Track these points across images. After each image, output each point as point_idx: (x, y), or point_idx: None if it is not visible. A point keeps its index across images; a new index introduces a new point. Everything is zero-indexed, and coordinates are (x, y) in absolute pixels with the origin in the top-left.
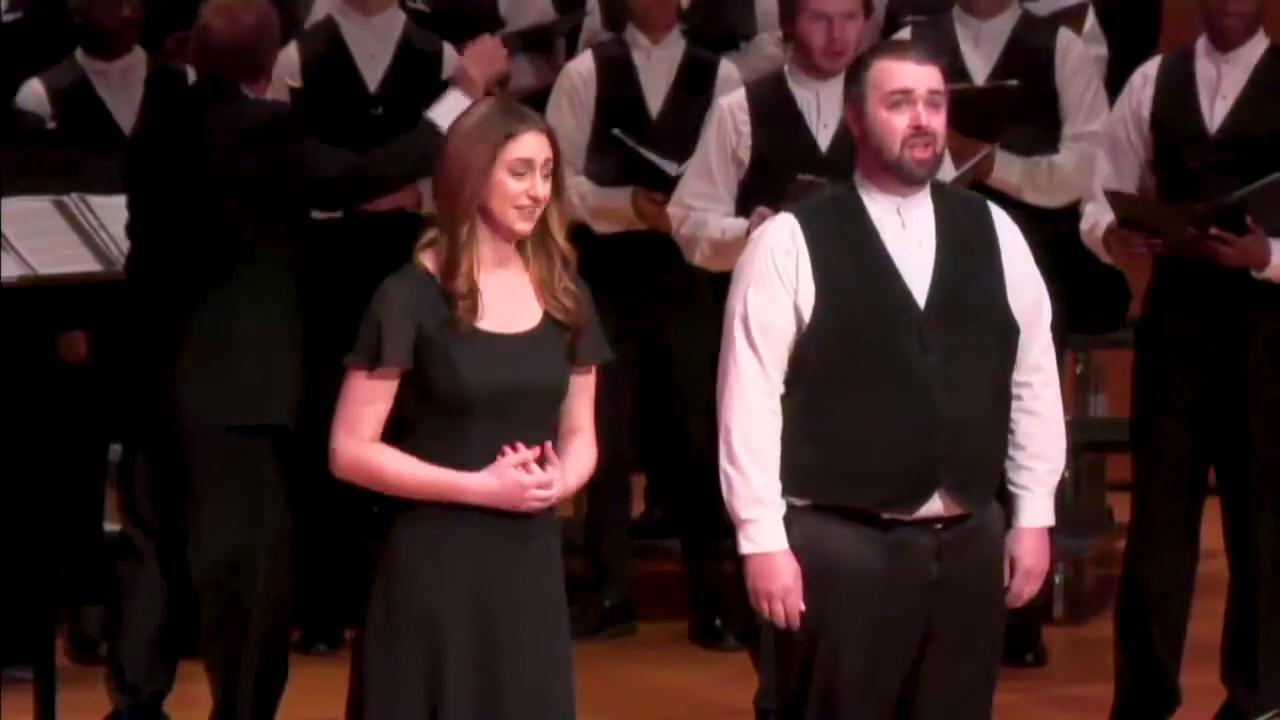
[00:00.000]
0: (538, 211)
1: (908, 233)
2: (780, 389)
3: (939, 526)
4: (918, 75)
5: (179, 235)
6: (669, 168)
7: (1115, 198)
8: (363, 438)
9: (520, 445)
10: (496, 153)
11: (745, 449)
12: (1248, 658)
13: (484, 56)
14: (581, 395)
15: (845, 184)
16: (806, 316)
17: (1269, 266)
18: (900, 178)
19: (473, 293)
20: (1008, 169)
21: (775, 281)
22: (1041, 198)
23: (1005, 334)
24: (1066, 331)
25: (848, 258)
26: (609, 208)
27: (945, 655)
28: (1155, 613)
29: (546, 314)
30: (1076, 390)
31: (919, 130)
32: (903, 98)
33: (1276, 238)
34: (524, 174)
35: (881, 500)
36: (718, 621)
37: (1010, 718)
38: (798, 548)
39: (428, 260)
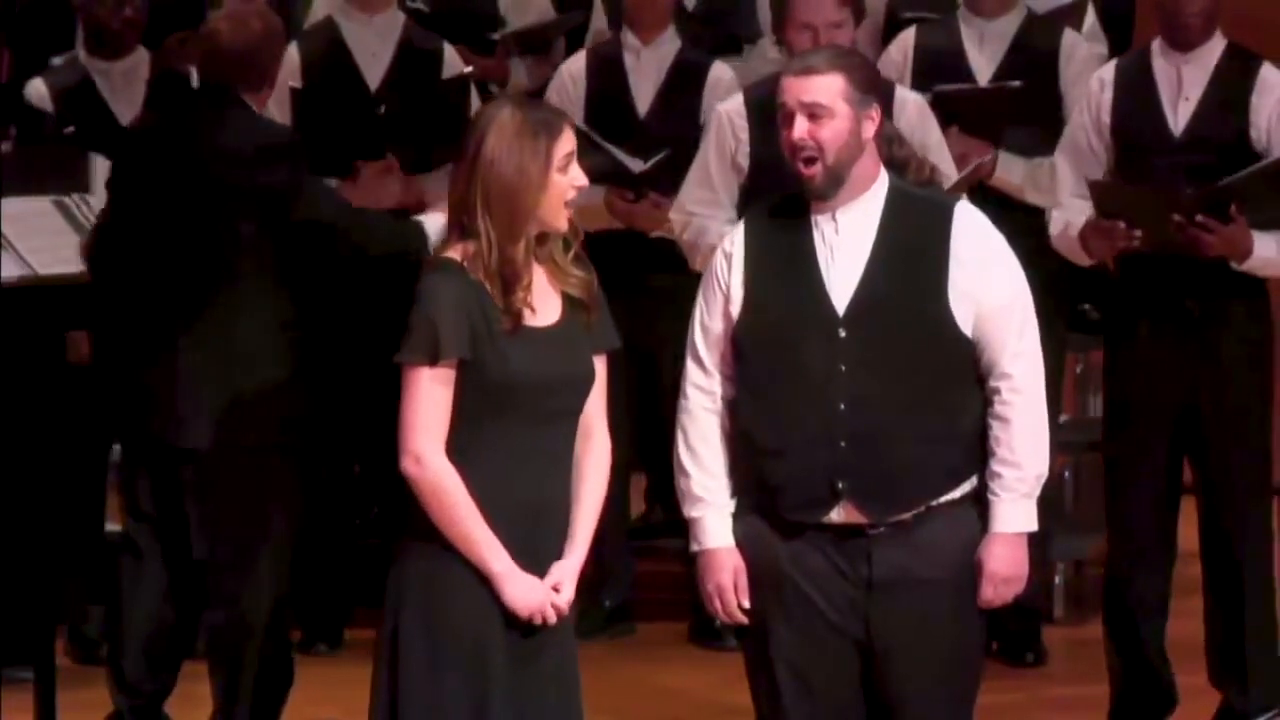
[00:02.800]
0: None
1: (841, 239)
2: (719, 390)
3: (872, 531)
4: (791, 89)
5: (179, 243)
6: (633, 165)
7: (1098, 187)
8: (441, 439)
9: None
10: (552, 154)
11: (686, 449)
12: (1235, 658)
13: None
14: (596, 385)
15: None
16: (734, 321)
17: (1251, 257)
18: (804, 191)
19: (528, 304)
20: (1010, 170)
21: (714, 285)
22: (1044, 198)
23: (943, 343)
24: (1065, 332)
25: (775, 264)
26: (588, 205)
27: (891, 652)
28: (1142, 615)
29: (566, 302)
30: (1076, 390)
31: (792, 147)
32: (782, 113)
33: (1259, 229)
34: (566, 167)
35: (786, 506)
36: (718, 621)
37: (1010, 718)
38: (740, 545)
39: (465, 260)
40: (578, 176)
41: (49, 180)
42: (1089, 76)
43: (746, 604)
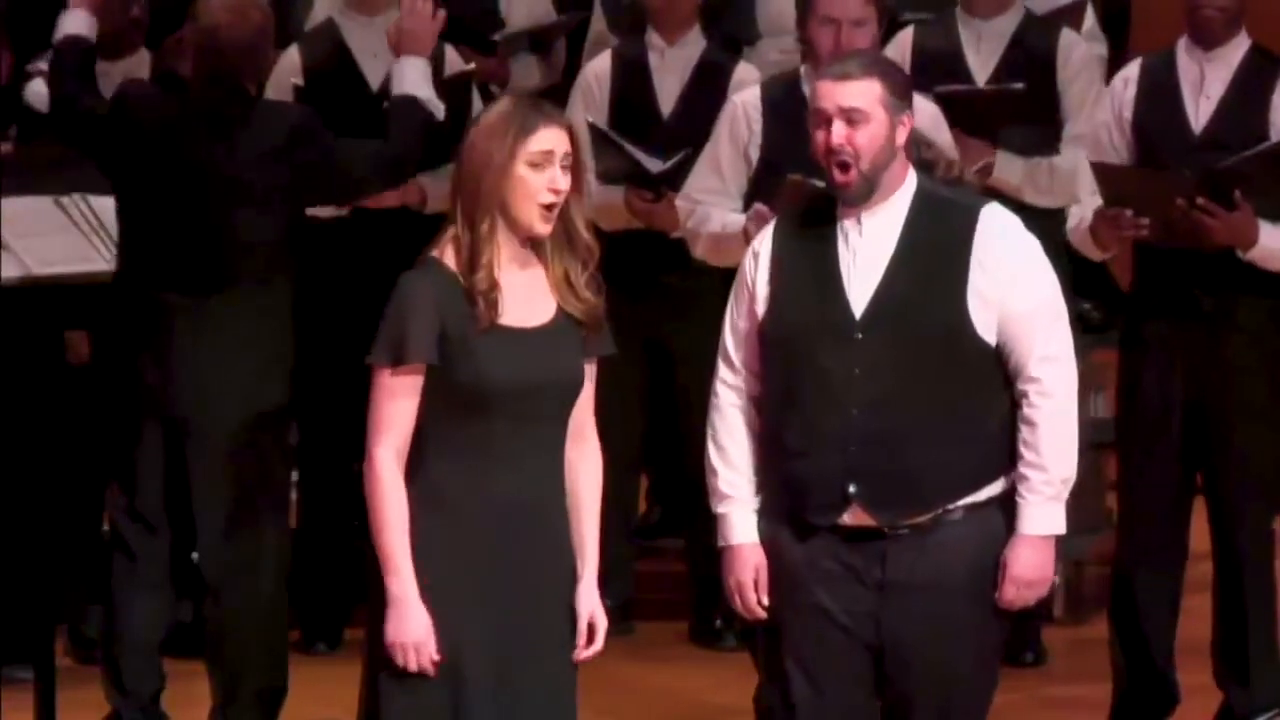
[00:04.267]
0: (557, 208)
1: (864, 242)
2: (747, 388)
3: (889, 533)
4: (829, 94)
5: (186, 235)
6: (652, 165)
7: (1102, 169)
8: (399, 444)
9: None
10: (516, 147)
11: (715, 447)
12: (1239, 658)
13: (419, 17)
14: (585, 389)
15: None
16: (759, 321)
17: (1256, 246)
18: (835, 195)
19: (494, 288)
20: (1008, 170)
21: (742, 285)
22: (1042, 198)
23: (961, 348)
24: None
25: (799, 267)
26: (608, 205)
27: (900, 654)
28: (1148, 613)
29: (559, 308)
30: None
31: (828, 151)
32: (818, 118)
33: (1264, 219)
34: (543, 165)
35: (803, 508)
36: (718, 621)
37: (1010, 718)
38: (763, 543)
39: (447, 256)
40: (555, 179)
41: (49, 180)
42: (1086, 76)
43: (766, 601)
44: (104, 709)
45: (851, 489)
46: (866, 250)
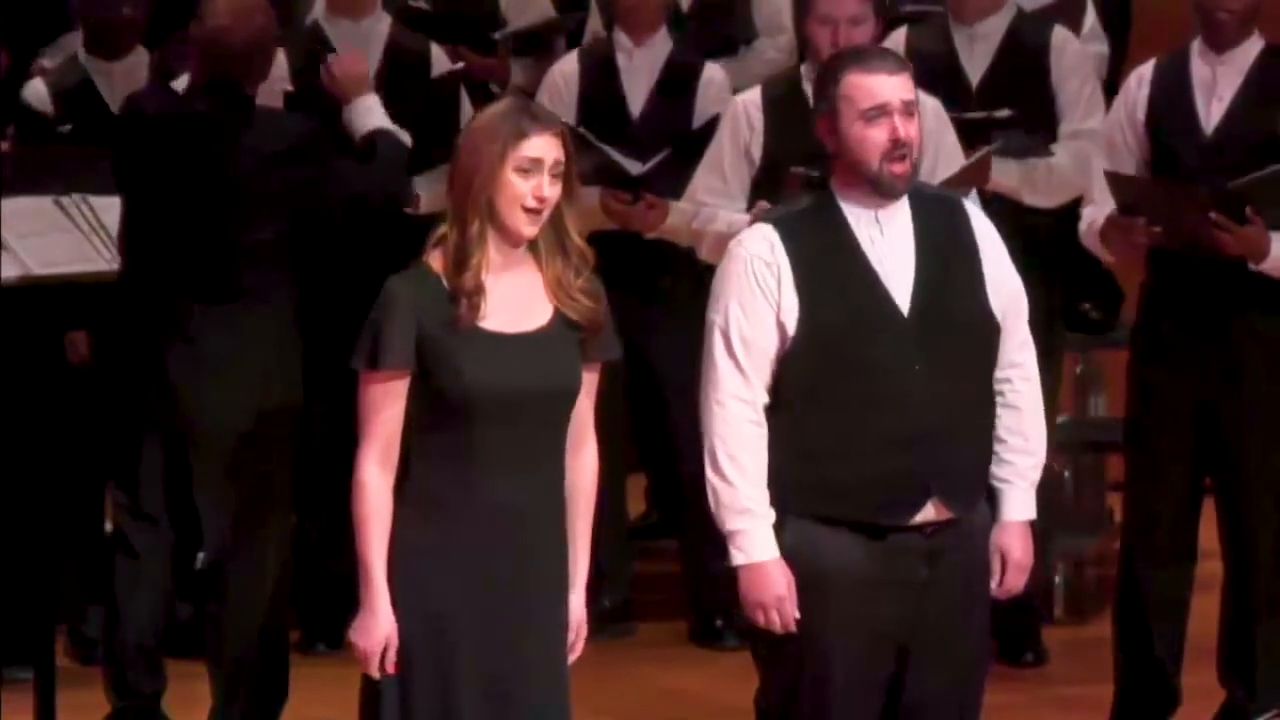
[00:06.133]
0: (544, 214)
1: (887, 240)
2: (763, 400)
3: (930, 531)
4: (891, 87)
5: (189, 237)
6: (631, 166)
7: (1115, 179)
8: (385, 451)
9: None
10: (506, 151)
11: (729, 461)
12: (1245, 658)
13: (341, 63)
14: (587, 394)
15: (823, 191)
16: (790, 330)
17: (1268, 258)
18: (880, 192)
19: (478, 290)
20: (1005, 173)
21: (757, 295)
22: (1040, 199)
23: (989, 335)
24: (1062, 331)
25: (829, 270)
26: (582, 206)
27: (928, 652)
28: (1154, 613)
29: (557, 313)
30: (1076, 390)
31: (897, 143)
32: (879, 112)
33: (1276, 230)
34: (531, 173)
35: (874, 512)
36: (718, 621)
37: (1010, 717)
38: (789, 554)
39: (435, 259)
40: (541, 187)
41: (49, 180)
42: (1081, 74)
43: (797, 615)
44: (104, 709)
45: (931, 485)
46: (891, 247)
